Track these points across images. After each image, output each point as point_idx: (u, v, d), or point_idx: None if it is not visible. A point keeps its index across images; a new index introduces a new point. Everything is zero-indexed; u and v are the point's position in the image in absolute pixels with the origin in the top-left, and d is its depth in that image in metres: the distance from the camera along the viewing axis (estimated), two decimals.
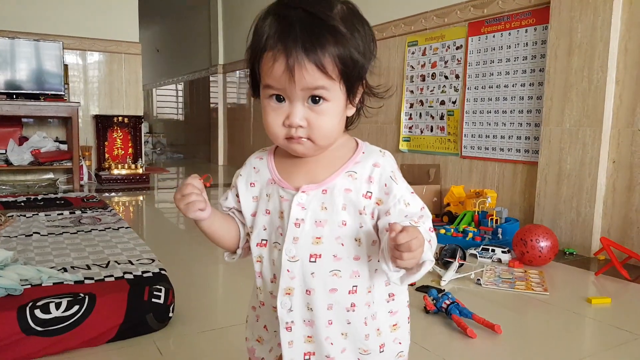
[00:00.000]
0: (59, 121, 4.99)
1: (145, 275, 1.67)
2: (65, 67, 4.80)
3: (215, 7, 7.28)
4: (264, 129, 0.79)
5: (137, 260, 1.86)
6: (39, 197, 3.27)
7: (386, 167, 0.79)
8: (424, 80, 3.78)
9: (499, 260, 2.47)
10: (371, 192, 0.78)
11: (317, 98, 0.74)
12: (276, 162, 0.84)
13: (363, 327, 0.80)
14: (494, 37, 3.23)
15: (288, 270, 0.78)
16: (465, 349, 1.56)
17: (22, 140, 4.70)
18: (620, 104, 2.52)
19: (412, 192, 0.79)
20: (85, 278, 1.62)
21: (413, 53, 3.86)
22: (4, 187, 4.48)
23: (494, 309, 1.87)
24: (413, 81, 3.87)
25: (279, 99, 0.75)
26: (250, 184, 0.85)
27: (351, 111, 0.81)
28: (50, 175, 4.87)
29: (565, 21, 2.68)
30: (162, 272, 1.72)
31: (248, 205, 0.84)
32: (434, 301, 1.80)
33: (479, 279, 2.16)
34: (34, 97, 4.50)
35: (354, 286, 0.79)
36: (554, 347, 1.60)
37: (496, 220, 2.81)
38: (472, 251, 2.53)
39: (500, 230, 2.72)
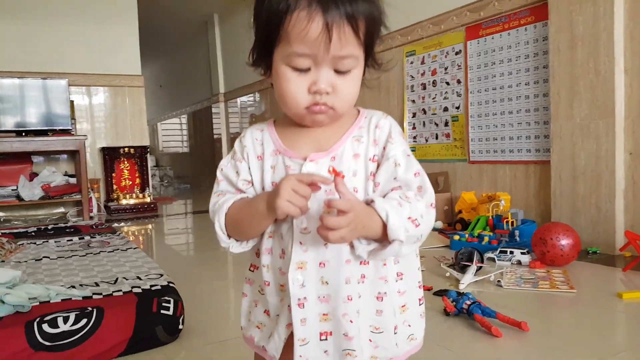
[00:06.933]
0: (68, 156, 5.04)
1: (153, 288, 1.63)
2: (72, 102, 4.88)
3: (214, 37, 7.40)
4: (278, 98, 0.76)
5: (146, 275, 1.82)
6: (49, 227, 3.26)
7: (385, 128, 0.77)
8: (425, 88, 3.76)
9: (519, 262, 2.39)
10: (376, 155, 0.76)
11: (345, 65, 0.72)
12: (278, 132, 0.81)
13: (376, 302, 0.76)
14: (492, 38, 3.22)
15: (301, 243, 0.74)
16: (491, 349, 1.48)
17: (32, 176, 4.72)
18: (632, 93, 2.47)
19: (408, 155, 0.76)
20: (94, 294, 1.58)
21: (412, 63, 3.86)
22: (16, 222, 4.47)
23: (518, 308, 1.79)
24: (414, 90, 3.85)
25: (303, 68, 0.71)
26: (258, 157, 0.81)
27: None
28: (61, 209, 4.88)
29: (565, 15, 2.66)
30: (171, 284, 1.67)
31: (258, 177, 0.80)
32: (454, 303, 1.72)
33: (499, 281, 2.08)
34: (43, 133, 4.56)
35: None
36: (587, 343, 1.51)
37: (512, 222, 2.73)
38: (490, 255, 2.44)
39: (517, 232, 2.64)
